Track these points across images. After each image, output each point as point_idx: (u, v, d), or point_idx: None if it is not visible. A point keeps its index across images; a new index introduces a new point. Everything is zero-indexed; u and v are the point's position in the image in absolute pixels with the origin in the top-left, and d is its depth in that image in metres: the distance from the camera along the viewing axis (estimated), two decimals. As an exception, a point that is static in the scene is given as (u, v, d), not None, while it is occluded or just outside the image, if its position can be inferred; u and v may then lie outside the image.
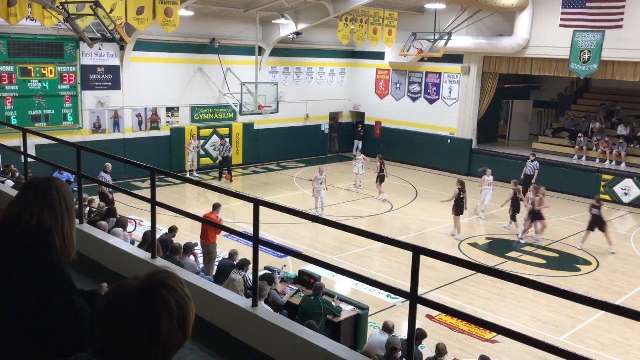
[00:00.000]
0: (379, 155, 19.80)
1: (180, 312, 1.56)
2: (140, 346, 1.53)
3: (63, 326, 2.17)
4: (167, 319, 1.54)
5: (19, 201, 2.37)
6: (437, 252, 3.67)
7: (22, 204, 2.34)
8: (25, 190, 2.45)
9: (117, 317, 1.55)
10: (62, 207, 2.37)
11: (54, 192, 2.38)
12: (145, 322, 1.53)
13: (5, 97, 17.34)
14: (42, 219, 2.30)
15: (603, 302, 3.08)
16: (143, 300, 1.54)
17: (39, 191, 2.38)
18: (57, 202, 2.36)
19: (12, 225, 2.30)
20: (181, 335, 1.58)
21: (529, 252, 15.09)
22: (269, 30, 22.85)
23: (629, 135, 22.08)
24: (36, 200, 2.34)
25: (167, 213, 6.95)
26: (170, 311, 1.55)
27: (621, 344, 10.33)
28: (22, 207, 2.33)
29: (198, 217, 11.66)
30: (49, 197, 2.36)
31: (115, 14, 14.99)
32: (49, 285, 2.19)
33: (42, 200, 2.34)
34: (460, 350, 9.61)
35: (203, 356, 4.26)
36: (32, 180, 2.54)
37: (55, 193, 2.38)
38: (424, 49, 21.88)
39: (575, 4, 19.81)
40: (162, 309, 1.54)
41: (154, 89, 20.51)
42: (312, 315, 8.43)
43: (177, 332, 1.56)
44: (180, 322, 1.56)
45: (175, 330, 1.55)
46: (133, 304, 1.54)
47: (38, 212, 2.31)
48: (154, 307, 1.54)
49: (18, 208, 2.33)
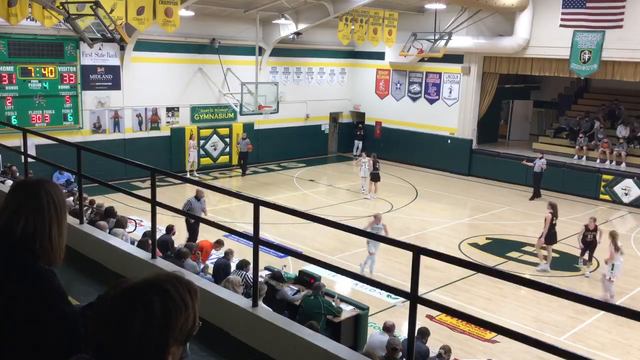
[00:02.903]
0: (373, 154, 19.85)
1: (164, 317, 1.52)
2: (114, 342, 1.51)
3: (54, 335, 2.13)
4: (142, 318, 1.50)
5: (9, 205, 2.28)
6: (437, 252, 3.67)
7: (12, 208, 2.26)
8: (14, 193, 2.36)
9: (100, 312, 1.55)
10: (49, 211, 2.26)
11: (42, 195, 2.28)
12: (119, 317, 1.51)
13: (5, 97, 17.34)
14: (27, 224, 2.21)
15: (603, 302, 3.08)
16: (127, 297, 1.53)
17: (28, 194, 2.29)
18: (45, 206, 2.26)
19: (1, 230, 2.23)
20: (160, 340, 1.52)
21: (529, 252, 15.08)
22: (269, 30, 22.85)
23: (629, 135, 22.07)
24: (24, 204, 2.26)
25: (167, 213, 6.95)
26: (150, 312, 1.51)
27: (621, 344, 10.33)
28: (11, 211, 2.25)
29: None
30: (38, 201, 2.26)
31: (115, 14, 14.99)
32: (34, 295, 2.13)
33: (30, 203, 2.25)
34: (460, 350, 9.61)
35: (203, 356, 4.26)
36: (22, 182, 2.45)
37: (44, 196, 2.28)
38: (424, 49, 21.88)
39: (575, 4, 19.81)
40: (139, 307, 1.51)
41: (154, 89, 20.51)
42: (312, 315, 8.43)
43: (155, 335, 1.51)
44: (162, 326, 1.52)
45: (153, 333, 1.51)
46: (116, 300, 1.53)
47: (24, 217, 2.22)
48: (131, 304, 1.51)
49: (8, 212, 2.25)
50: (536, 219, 17.83)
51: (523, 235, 16.29)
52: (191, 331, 1.60)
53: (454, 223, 17.54)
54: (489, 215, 18.38)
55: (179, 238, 11.82)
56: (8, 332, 2.08)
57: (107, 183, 7.07)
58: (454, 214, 18.58)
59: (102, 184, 6.92)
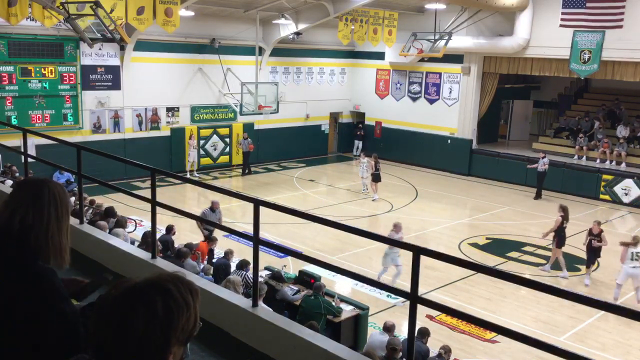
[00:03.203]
0: (374, 155, 19.84)
1: (166, 316, 1.52)
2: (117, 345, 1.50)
3: (54, 334, 2.13)
4: (145, 318, 1.50)
5: (11, 202, 2.28)
6: (437, 252, 3.67)
7: (13, 204, 2.26)
8: (17, 190, 2.37)
9: (101, 312, 1.54)
10: (49, 207, 2.25)
11: (44, 191, 2.28)
12: (120, 316, 1.51)
13: (5, 97, 17.34)
14: (25, 217, 2.20)
15: (603, 302, 3.08)
16: (128, 297, 1.53)
17: (30, 191, 2.29)
18: (46, 203, 2.25)
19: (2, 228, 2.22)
20: (162, 340, 1.52)
21: (529, 252, 15.08)
22: (269, 30, 22.85)
23: (629, 135, 22.07)
24: (25, 199, 2.26)
25: (167, 213, 6.95)
26: (152, 312, 1.51)
27: (621, 344, 10.33)
28: (12, 208, 2.25)
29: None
30: (38, 196, 2.26)
31: (115, 14, 14.99)
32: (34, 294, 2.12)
33: (31, 198, 2.25)
34: (460, 350, 9.61)
35: (203, 356, 4.26)
36: (26, 179, 2.47)
37: (46, 193, 2.28)
38: (424, 49, 21.88)
39: (575, 4, 19.81)
40: (141, 307, 1.51)
41: (154, 89, 20.51)
42: (312, 315, 8.43)
43: (157, 335, 1.51)
44: (163, 326, 1.51)
45: (155, 333, 1.51)
46: (118, 299, 1.53)
47: (24, 211, 2.22)
48: (133, 303, 1.51)
49: (10, 209, 2.24)
50: (536, 219, 17.86)
51: (523, 235, 16.28)
52: (192, 331, 1.60)
53: (454, 223, 17.55)
54: (489, 215, 18.38)
55: (179, 238, 11.83)
56: (8, 331, 2.08)
57: (107, 183, 7.07)
58: (454, 214, 18.58)
59: (102, 184, 6.92)
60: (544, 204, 19.60)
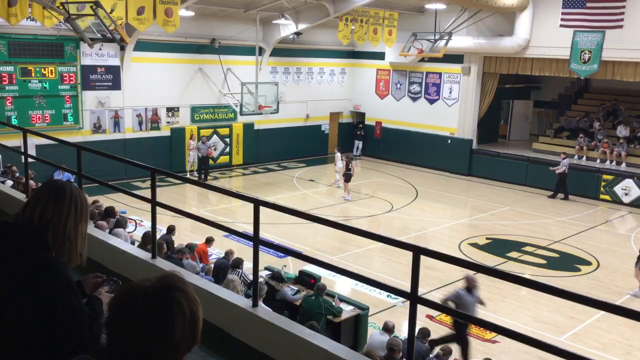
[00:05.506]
0: (346, 154, 19.84)
1: (191, 315, 1.59)
2: (154, 347, 1.54)
3: (62, 330, 2.16)
4: (181, 321, 1.56)
5: (34, 197, 2.42)
6: (437, 252, 3.67)
7: (35, 200, 2.38)
8: (42, 188, 2.49)
9: (132, 318, 1.55)
10: (69, 206, 2.37)
11: (67, 191, 2.41)
12: (160, 323, 1.54)
13: (5, 97, 17.34)
14: (45, 211, 2.32)
15: (603, 302, 3.08)
16: (157, 302, 1.56)
17: (53, 188, 2.42)
18: (67, 201, 2.38)
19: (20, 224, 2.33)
20: (191, 339, 1.60)
21: (529, 252, 15.08)
22: (269, 30, 22.85)
23: (629, 135, 22.07)
24: (48, 195, 2.38)
25: (167, 213, 6.95)
26: (184, 313, 1.57)
27: (621, 344, 10.33)
28: (34, 203, 2.37)
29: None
30: (61, 194, 2.39)
31: (116, 14, 14.99)
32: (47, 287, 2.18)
33: (53, 195, 2.38)
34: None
35: (203, 356, 4.26)
36: (49, 181, 2.57)
37: (69, 193, 2.41)
38: (424, 49, 21.88)
39: (575, 4, 19.81)
40: (176, 310, 1.56)
41: (154, 89, 20.51)
42: (312, 315, 8.43)
43: (187, 334, 1.58)
44: (191, 325, 1.59)
45: (187, 332, 1.58)
46: (148, 304, 1.55)
47: (44, 205, 2.34)
48: (169, 308, 1.56)
49: (31, 205, 2.37)
50: (536, 219, 17.86)
51: (523, 235, 16.28)
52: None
53: (454, 223, 17.55)
54: (489, 215, 18.38)
55: (179, 238, 11.83)
56: (17, 324, 2.11)
57: (107, 183, 7.06)
58: (454, 214, 18.58)
59: (102, 184, 6.92)
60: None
